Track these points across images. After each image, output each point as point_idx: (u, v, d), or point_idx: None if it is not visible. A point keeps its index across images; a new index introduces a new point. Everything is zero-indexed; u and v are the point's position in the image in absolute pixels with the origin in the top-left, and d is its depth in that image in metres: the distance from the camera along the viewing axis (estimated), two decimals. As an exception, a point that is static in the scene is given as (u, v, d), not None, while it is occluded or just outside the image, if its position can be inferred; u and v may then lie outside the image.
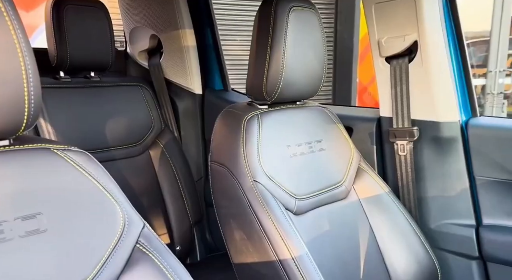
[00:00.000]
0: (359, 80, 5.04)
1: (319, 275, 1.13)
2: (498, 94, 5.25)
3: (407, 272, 1.38)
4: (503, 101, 5.38)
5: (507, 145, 1.39)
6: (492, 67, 5.24)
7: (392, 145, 1.54)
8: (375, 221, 1.40)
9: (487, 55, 5.42)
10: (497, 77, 5.19)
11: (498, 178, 1.41)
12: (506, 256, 1.39)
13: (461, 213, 1.47)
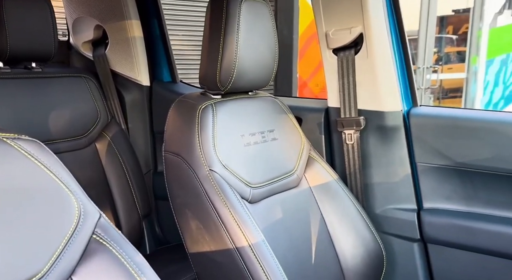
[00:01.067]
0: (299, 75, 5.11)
1: (275, 261, 1.12)
2: (425, 89, 5.50)
3: (355, 255, 1.40)
4: (430, 96, 5.65)
5: (445, 133, 1.44)
6: (420, 64, 5.48)
7: (340, 134, 1.56)
8: (325, 208, 1.42)
9: (415, 52, 5.66)
10: (425, 73, 5.42)
11: (437, 164, 1.46)
12: (444, 237, 1.45)
13: (403, 198, 1.51)
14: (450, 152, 1.43)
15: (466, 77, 6.00)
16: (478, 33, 5.98)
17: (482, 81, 5.84)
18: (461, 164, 1.42)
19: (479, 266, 1.41)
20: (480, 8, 6.03)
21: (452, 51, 6.67)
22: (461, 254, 1.43)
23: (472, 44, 6.01)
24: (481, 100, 5.85)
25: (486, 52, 5.95)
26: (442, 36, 6.69)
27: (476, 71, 5.88)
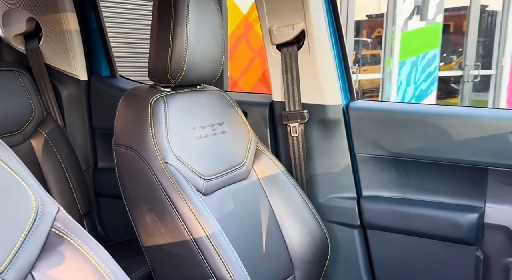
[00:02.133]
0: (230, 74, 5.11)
1: (232, 251, 1.12)
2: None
3: (302, 243, 1.43)
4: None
5: (380, 125, 1.51)
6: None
7: (285, 127, 1.57)
8: (273, 198, 1.43)
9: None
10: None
11: (374, 154, 1.53)
12: (382, 222, 1.52)
13: (344, 187, 1.56)
14: (386, 143, 1.50)
15: (382, 77, 6.33)
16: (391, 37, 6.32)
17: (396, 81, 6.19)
18: (395, 154, 1.49)
19: (413, 247, 1.49)
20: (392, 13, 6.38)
21: (368, 53, 6.99)
22: (396, 237, 1.51)
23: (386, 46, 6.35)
24: (395, 98, 6.19)
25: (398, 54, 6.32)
26: (359, 39, 7.00)
27: (390, 72, 6.22)
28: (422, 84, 6.37)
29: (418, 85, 6.38)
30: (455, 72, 7.19)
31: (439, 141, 1.43)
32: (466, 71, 7.06)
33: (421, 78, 6.39)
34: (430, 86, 6.50)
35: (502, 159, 1.35)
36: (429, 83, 6.51)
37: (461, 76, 7.11)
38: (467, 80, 7.04)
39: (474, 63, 7.10)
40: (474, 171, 1.40)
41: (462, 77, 7.10)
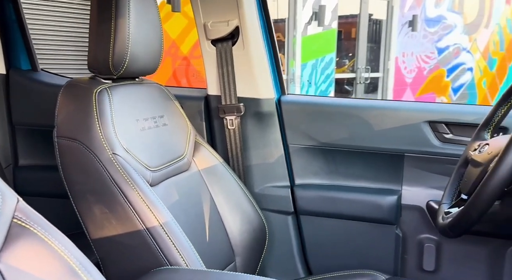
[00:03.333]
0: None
1: (185, 239, 1.10)
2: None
3: (242, 231, 1.44)
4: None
5: (310, 117, 1.58)
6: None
7: (221, 120, 1.58)
8: (214, 189, 1.43)
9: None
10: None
11: (305, 145, 1.59)
12: (313, 208, 1.59)
13: (278, 177, 1.61)
14: (316, 134, 1.57)
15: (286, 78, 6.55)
16: (293, 40, 6.58)
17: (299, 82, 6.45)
18: (325, 144, 1.57)
19: (341, 229, 1.58)
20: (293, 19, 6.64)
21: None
22: (326, 221, 1.59)
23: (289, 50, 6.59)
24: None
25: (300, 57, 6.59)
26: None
27: (294, 73, 6.46)
28: (321, 85, 6.71)
29: (318, 86, 6.70)
30: (349, 75, 7.67)
31: (362, 131, 1.53)
32: (358, 74, 7.57)
33: (321, 79, 6.73)
34: (329, 87, 6.87)
35: (416, 147, 1.49)
36: (328, 84, 6.88)
37: (354, 78, 7.61)
38: (359, 82, 7.54)
39: (365, 67, 7.64)
40: (392, 158, 1.52)
41: (355, 79, 7.60)
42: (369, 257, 1.55)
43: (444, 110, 1.49)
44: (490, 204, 0.96)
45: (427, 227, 1.50)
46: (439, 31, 8.57)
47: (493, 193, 0.94)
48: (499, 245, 1.42)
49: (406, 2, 8.08)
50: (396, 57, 8.11)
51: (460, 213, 1.04)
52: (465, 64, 9.00)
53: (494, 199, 0.95)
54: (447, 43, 8.69)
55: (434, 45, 8.61)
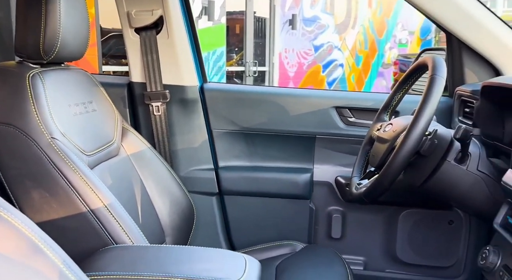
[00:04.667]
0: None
1: (129, 218, 1.09)
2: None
3: (171, 213, 1.45)
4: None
5: (231, 104, 1.63)
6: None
7: (147, 107, 1.55)
8: (143, 174, 1.41)
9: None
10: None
11: (228, 130, 1.64)
12: (237, 188, 1.65)
13: (203, 160, 1.64)
14: (237, 119, 1.63)
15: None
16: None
17: (193, 73, 6.41)
18: (245, 128, 1.64)
19: (262, 206, 1.66)
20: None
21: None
22: (248, 200, 1.66)
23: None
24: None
25: (193, 50, 6.56)
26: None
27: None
28: (214, 77, 6.77)
29: (211, 78, 6.75)
30: (239, 68, 7.85)
31: (279, 116, 1.63)
32: (247, 67, 7.78)
33: (213, 72, 6.79)
34: (221, 79, 6.96)
35: (325, 129, 1.62)
36: (220, 76, 6.96)
37: (243, 71, 7.80)
38: (248, 75, 7.76)
39: (252, 60, 7.87)
40: (305, 140, 1.65)
41: (244, 72, 7.80)
42: (287, 230, 1.65)
43: (348, 97, 1.65)
44: (399, 172, 1.10)
45: (335, 200, 1.65)
46: (315, 30, 9.16)
47: (402, 162, 1.08)
48: (393, 211, 1.62)
49: (286, 2, 8.48)
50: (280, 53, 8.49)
51: (374, 182, 1.17)
52: (337, 61, 9.77)
53: (403, 168, 1.10)
54: (322, 41, 9.34)
55: (311, 43, 9.19)
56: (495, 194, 1.12)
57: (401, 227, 1.61)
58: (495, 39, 1.43)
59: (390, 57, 11.01)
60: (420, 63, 1.25)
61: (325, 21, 9.43)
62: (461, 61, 1.51)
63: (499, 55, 1.44)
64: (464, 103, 1.48)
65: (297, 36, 8.90)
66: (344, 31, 9.92)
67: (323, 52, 9.44)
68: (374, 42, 10.78)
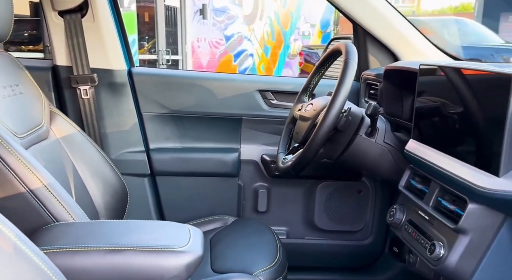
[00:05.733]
0: None
1: (70, 198, 1.07)
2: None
3: (104, 194, 1.43)
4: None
5: (161, 88, 1.64)
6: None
7: (74, 90, 1.50)
8: (74, 157, 1.37)
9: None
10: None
11: (158, 113, 1.65)
12: (168, 169, 1.67)
13: (134, 143, 1.63)
14: (166, 102, 1.64)
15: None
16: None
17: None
18: (175, 111, 1.66)
19: (193, 185, 1.70)
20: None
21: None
22: (180, 179, 1.69)
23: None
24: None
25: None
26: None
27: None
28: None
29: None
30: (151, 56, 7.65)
31: (207, 99, 1.67)
32: (160, 56, 7.61)
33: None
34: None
35: (250, 111, 1.70)
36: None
37: (156, 60, 7.62)
38: (162, 63, 7.60)
39: (165, 49, 7.71)
40: (232, 121, 1.71)
41: (157, 60, 7.62)
42: (218, 206, 1.72)
43: (270, 81, 1.74)
44: (321, 145, 1.22)
45: (261, 177, 1.75)
46: (225, 20, 9.21)
47: (324, 136, 1.19)
48: (312, 184, 1.75)
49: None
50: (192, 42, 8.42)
51: (299, 156, 1.27)
52: (247, 51, 9.93)
53: (324, 141, 1.21)
54: (232, 32, 9.43)
55: (222, 33, 9.23)
56: (399, 162, 1.28)
57: (318, 198, 1.75)
58: (394, 30, 1.60)
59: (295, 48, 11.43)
60: (334, 49, 1.37)
61: (234, 12, 9.51)
62: (366, 48, 1.67)
63: (398, 44, 1.62)
64: (369, 86, 1.65)
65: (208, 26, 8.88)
66: (253, 22, 10.10)
67: (234, 42, 9.54)
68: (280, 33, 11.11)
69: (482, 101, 0.90)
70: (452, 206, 0.97)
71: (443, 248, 0.96)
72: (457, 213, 0.94)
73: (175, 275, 0.91)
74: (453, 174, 0.94)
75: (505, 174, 0.82)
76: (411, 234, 1.11)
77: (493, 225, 0.90)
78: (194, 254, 0.93)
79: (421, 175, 1.13)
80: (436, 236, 1.00)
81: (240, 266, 1.26)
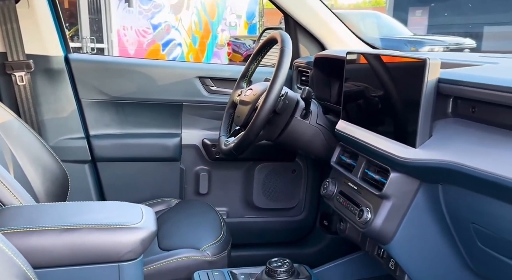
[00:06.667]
0: None
1: (16, 182, 1.05)
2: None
3: (44, 181, 1.40)
4: None
5: (100, 74, 1.63)
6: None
7: (8, 77, 1.44)
8: (12, 143, 1.33)
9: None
10: None
11: (97, 99, 1.63)
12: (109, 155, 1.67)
13: (73, 129, 1.60)
14: (106, 89, 1.63)
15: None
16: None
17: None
18: (115, 97, 1.65)
19: (136, 170, 1.71)
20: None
21: None
22: (122, 165, 1.69)
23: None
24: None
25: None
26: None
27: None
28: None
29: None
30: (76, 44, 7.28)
31: (147, 86, 1.68)
32: (84, 44, 7.27)
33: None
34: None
35: (191, 97, 1.74)
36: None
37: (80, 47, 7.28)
38: (86, 51, 7.27)
39: (90, 37, 7.38)
40: (173, 107, 1.74)
41: (81, 48, 7.28)
42: (161, 189, 1.74)
43: (209, 68, 1.79)
44: (262, 127, 1.30)
45: (202, 160, 1.80)
46: (151, 8, 8.98)
47: (264, 118, 1.27)
48: (250, 166, 1.84)
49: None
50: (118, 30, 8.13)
51: (242, 137, 1.35)
52: (175, 40, 9.78)
53: (265, 123, 1.29)
54: (159, 20, 9.22)
55: (149, 21, 9.01)
56: (330, 140, 1.40)
57: (256, 178, 1.84)
58: (322, 22, 1.73)
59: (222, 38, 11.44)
60: (270, 38, 1.45)
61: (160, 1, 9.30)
62: (297, 38, 1.78)
63: (325, 34, 1.75)
64: (301, 73, 1.76)
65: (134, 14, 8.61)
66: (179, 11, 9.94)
67: (161, 31, 9.34)
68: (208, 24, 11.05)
69: (400, 84, 1.03)
70: (377, 176, 1.10)
71: (370, 212, 1.09)
72: (381, 182, 1.07)
73: (131, 250, 0.94)
74: (377, 148, 1.06)
75: (420, 145, 0.95)
76: (342, 203, 1.23)
77: (411, 190, 1.03)
78: (148, 229, 0.97)
79: (350, 151, 1.26)
80: (364, 203, 1.12)
81: (187, 243, 1.31)
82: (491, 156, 0.81)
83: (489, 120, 0.87)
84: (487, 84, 0.84)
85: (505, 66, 1.02)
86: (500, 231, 0.84)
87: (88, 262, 0.91)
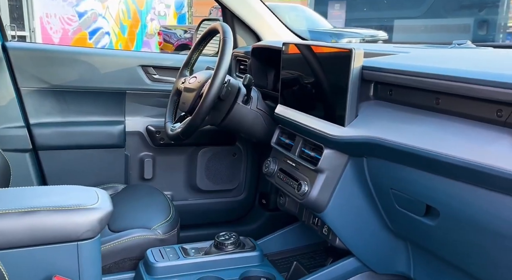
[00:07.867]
0: None
1: None
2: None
3: None
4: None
5: (40, 63, 1.59)
6: None
7: None
8: None
9: None
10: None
11: (37, 88, 1.60)
12: (51, 143, 1.64)
13: (12, 118, 1.55)
14: (46, 77, 1.60)
15: None
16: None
17: None
18: (56, 86, 1.62)
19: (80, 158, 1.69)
20: None
21: None
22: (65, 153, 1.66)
23: None
24: None
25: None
26: None
27: None
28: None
29: None
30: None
31: (89, 74, 1.67)
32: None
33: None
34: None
35: (134, 85, 1.76)
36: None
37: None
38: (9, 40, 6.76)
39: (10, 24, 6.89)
40: (116, 95, 1.74)
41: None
42: (106, 176, 1.75)
43: (151, 57, 1.81)
44: (208, 112, 1.36)
45: (146, 147, 1.83)
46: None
47: (210, 104, 1.34)
48: (193, 150, 1.90)
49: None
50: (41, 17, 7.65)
51: (189, 122, 1.40)
52: (103, 29, 9.38)
53: (210, 108, 1.35)
54: (85, 8, 8.80)
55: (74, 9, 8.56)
56: (269, 124, 1.51)
57: (199, 162, 1.91)
58: (257, 14, 1.82)
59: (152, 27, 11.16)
60: (211, 29, 1.51)
61: (86, -12, 8.87)
62: (234, 29, 1.86)
63: (260, 26, 1.85)
64: (239, 62, 1.85)
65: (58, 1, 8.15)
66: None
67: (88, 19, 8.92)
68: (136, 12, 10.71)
69: (330, 71, 1.16)
70: (312, 153, 1.23)
71: (307, 185, 1.21)
72: (316, 158, 1.20)
73: (89, 229, 0.98)
74: (312, 128, 1.18)
75: (349, 124, 1.09)
76: (282, 179, 1.34)
77: (341, 164, 1.17)
78: (104, 209, 1.00)
79: (288, 132, 1.37)
80: (302, 177, 1.24)
81: (138, 223, 1.36)
82: (407, 131, 0.96)
83: (404, 101, 1.02)
84: (402, 70, 0.98)
85: (416, 55, 1.18)
86: (413, 193, 1.00)
87: (48, 243, 0.93)
